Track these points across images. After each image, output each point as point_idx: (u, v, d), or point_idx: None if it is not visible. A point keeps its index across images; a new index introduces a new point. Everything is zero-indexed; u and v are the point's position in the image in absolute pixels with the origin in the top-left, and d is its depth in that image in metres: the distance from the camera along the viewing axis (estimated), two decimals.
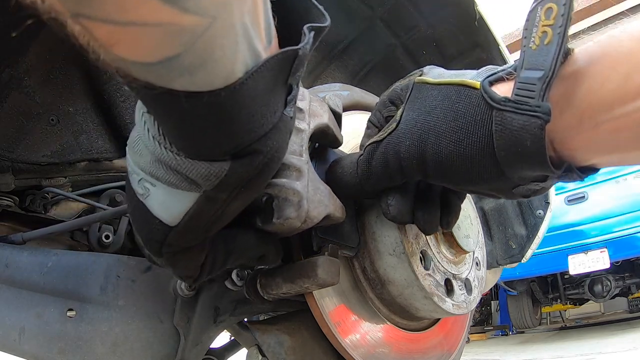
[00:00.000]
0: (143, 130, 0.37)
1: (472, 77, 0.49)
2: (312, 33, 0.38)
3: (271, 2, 0.35)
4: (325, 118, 0.60)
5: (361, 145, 0.62)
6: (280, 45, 0.37)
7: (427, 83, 0.53)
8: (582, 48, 0.42)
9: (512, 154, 0.42)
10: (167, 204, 0.39)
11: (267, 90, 0.35)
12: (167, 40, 0.27)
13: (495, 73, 0.47)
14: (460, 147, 0.46)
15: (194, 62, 0.29)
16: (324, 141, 0.63)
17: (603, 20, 5.28)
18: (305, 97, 0.58)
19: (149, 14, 0.25)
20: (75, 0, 0.24)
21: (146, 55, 0.28)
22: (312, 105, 0.58)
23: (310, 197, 0.51)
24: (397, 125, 0.52)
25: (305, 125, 0.56)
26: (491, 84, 0.46)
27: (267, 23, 0.35)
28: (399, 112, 0.54)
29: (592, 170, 0.45)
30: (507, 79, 0.45)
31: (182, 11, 0.26)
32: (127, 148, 0.41)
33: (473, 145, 0.45)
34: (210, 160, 0.36)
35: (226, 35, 0.30)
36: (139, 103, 0.38)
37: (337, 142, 0.65)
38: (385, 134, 0.53)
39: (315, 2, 0.41)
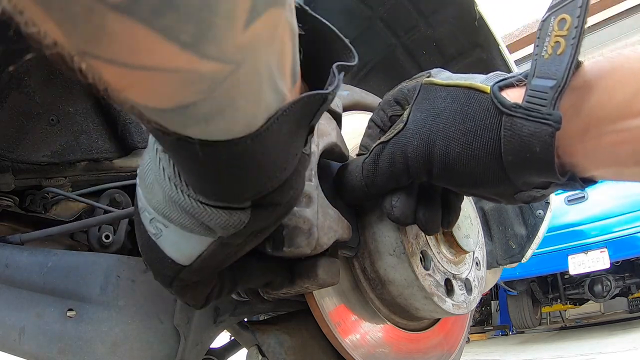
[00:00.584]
0: (158, 169, 0.35)
1: (481, 81, 0.49)
2: (342, 74, 0.36)
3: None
4: (333, 136, 0.59)
5: (361, 145, 0.62)
6: (303, 79, 0.35)
7: (436, 84, 0.53)
8: (591, 61, 0.44)
9: (520, 159, 0.43)
10: (180, 246, 0.38)
11: (291, 134, 0.33)
12: (182, 88, 0.24)
13: (505, 79, 0.47)
14: (468, 149, 0.46)
15: (211, 111, 0.26)
16: (330, 157, 0.63)
17: (603, 20, 5.28)
18: None
19: (163, 59, 0.22)
20: (83, 38, 0.21)
21: (158, 101, 0.25)
22: (320, 123, 0.58)
23: (320, 223, 0.51)
24: (404, 126, 0.52)
25: (315, 148, 0.55)
26: (501, 89, 0.46)
27: (294, 61, 0.32)
28: (406, 112, 0.54)
29: (592, 181, 0.46)
30: (517, 85, 0.46)
31: (202, 57, 0.23)
32: (137, 179, 0.39)
33: (481, 148, 0.45)
34: (230, 206, 0.35)
35: (250, 82, 0.27)
36: (156, 143, 0.36)
37: (344, 158, 0.65)
38: (392, 134, 0.53)
39: (341, 35, 0.39)
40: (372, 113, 0.90)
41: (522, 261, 1.40)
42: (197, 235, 0.37)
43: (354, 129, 0.84)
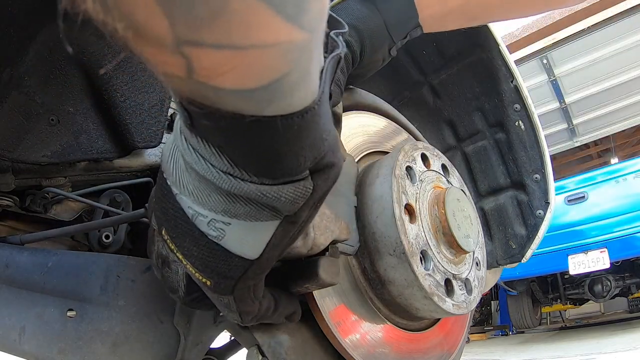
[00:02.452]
0: (205, 167, 0.34)
1: None
2: (341, 37, 0.38)
3: None
4: None
5: None
6: None
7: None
8: None
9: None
10: (247, 239, 0.37)
11: (327, 97, 0.34)
12: (279, 60, 0.25)
13: None
14: None
15: (297, 80, 0.28)
16: None
17: (603, 20, 5.27)
18: None
19: (271, 34, 0.23)
20: (190, 25, 0.21)
21: (254, 80, 0.26)
22: None
23: (316, 224, 0.51)
24: None
25: None
26: None
27: None
28: None
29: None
30: None
31: (298, 28, 0.24)
32: (174, 190, 0.38)
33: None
34: (292, 180, 0.34)
35: (319, 47, 0.29)
36: (183, 143, 0.35)
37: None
38: None
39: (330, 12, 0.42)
40: (372, 113, 0.90)
41: (522, 261, 1.40)
42: (262, 222, 0.36)
43: (354, 129, 0.84)
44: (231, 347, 0.87)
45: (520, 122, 1.34)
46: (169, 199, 0.39)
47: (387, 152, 0.87)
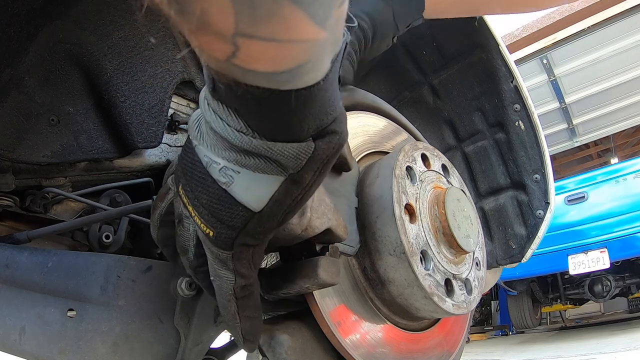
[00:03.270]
0: (222, 126, 0.39)
1: None
2: (349, 29, 0.43)
3: None
4: None
5: None
6: None
7: None
8: None
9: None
10: (253, 188, 0.40)
11: (335, 76, 0.39)
12: (305, 53, 0.31)
13: None
14: None
15: (313, 66, 0.33)
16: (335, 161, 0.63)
17: (603, 20, 5.27)
18: None
19: (304, 33, 0.29)
20: (251, 21, 0.27)
21: (283, 65, 0.31)
22: None
23: (314, 207, 0.51)
24: None
25: None
26: None
27: None
28: None
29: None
30: None
31: (323, 29, 0.30)
32: (194, 142, 0.42)
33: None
34: (294, 141, 0.38)
35: (335, 42, 0.34)
36: (205, 106, 0.40)
37: (348, 166, 0.65)
38: None
39: None
40: (372, 113, 0.90)
41: (522, 261, 1.40)
42: (268, 175, 0.40)
43: (354, 130, 0.84)
44: (231, 347, 0.87)
45: (520, 122, 1.34)
46: (188, 152, 0.43)
47: (387, 152, 0.87)
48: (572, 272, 4.83)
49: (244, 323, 0.51)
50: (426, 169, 0.82)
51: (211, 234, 0.43)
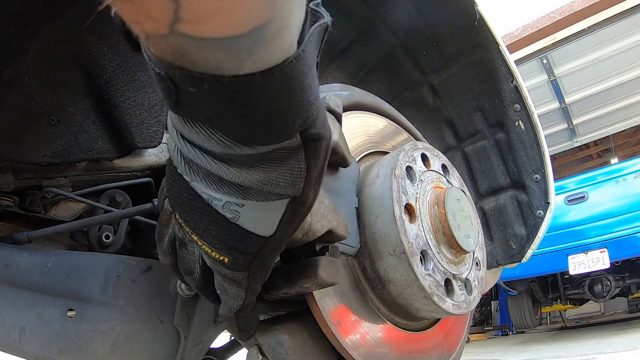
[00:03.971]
0: (205, 161, 0.36)
1: None
2: (322, 8, 0.38)
3: None
4: (335, 136, 0.60)
5: None
6: None
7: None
8: None
9: None
10: (261, 218, 0.40)
11: (313, 61, 0.35)
12: (262, 6, 0.27)
13: None
14: None
15: (276, 31, 0.29)
16: (332, 159, 0.63)
17: (603, 20, 5.27)
18: None
19: None
20: None
21: (238, 26, 0.27)
22: None
23: (313, 210, 0.51)
24: None
25: None
26: None
27: None
28: None
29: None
30: None
31: None
32: (187, 181, 0.40)
33: None
34: (285, 147, 0.36)
35: (300, 3, 0.30)
36: (179, 140, 0.37)
37: (346, 162, 0.65)
38: None
39: None
40: (372, 113, 0.90)
41: (522, 261, 1.40)
42: (273, 202, 0.39)
43: (354, 130, 0.84)
44: (231, 347, 0.87)
45: (520, 122, 1.34)
46: (181, 185, 0.40)
47: (387, 152, 0.87)
48: (572, 272, 4.82)
49: (241, 321, 0.53)
50: (426, 169, 0.82)
51: (226, 260, 0.43)
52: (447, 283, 0.75)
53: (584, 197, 4.99)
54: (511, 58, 1.29)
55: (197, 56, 0.28)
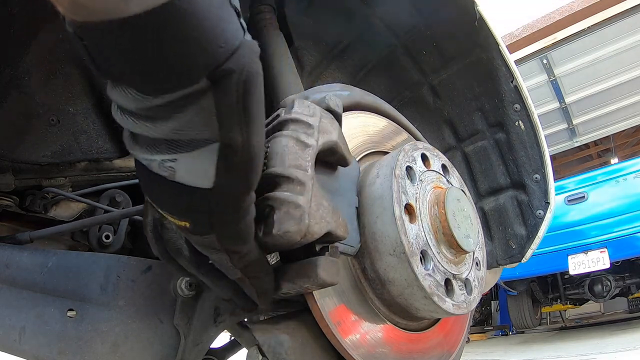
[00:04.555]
0: (127, 121, 0.37)
1: None
2: None
3: None
4: (334, 135, 0.60)
5: None
6: None
7: None
8: None
9: None
10: (195, 169, 0.39)
11: (219, 4, 0.34)
12: None
13: None
14: None
15: None
16: (331, 159, 0.63)
17: (603, 20, 5.27)
18: (316, 114, 0.58)
19: None
20: None
21: None
22: (322, 121, 0.59)
23: (312, 212, 0.51)
24: None
25: (314, 141, 0.56)
26: None
27: None
28: None
29: None
30: None
31: None
32: (129, 149, 0.40)
33: None
34: (192, 91, 0.34)
35: None
36: (114, 108, 0.38)
37: (345, 162, 0.64)
38: None
39: None
40: (372, 113, 0.90)
41: (522, 261, 1.40)
42: (202, 149, 0.38)
43: (353, 130, 0.84)
44: (231, 347, 0.87)
45: (520, 122, 1.34)
46: (136, 162, 0.41)
47: (387, 152, 0.87)
48: (572, 272, 4.82)
49: (254, 282, 0.53)
50: (426, 169, 0.82)
51: (187, 225, 0.42)
52: (447, 283, 0.75)
53: (584, 197, 4.99)
54: (511, 58, 1.29)
55: (88, 3, 0.28)
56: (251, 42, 0.37)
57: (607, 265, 4.59)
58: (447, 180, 0.86)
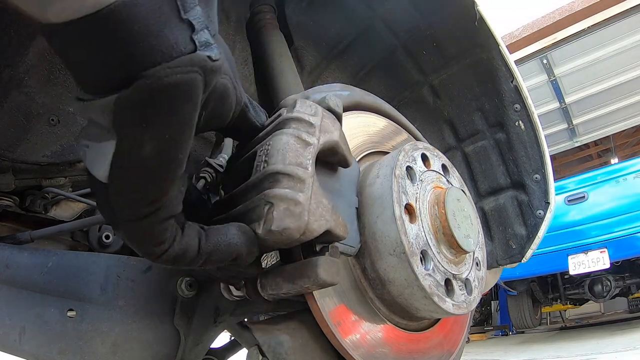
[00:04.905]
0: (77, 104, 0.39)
1: None
2: None
3: None
4: (335, 135, 0.60)
5: None
6: None
7: None
8: None
9: None
10: (97, 159, 0.40)
11: (153, 20, 0.35)
12: None
13: None
14: None
15: None
16: (332, 159, 0.63)
17: (603, 20, 5.27)
18: (317, 113, 0.58)
19: None
20: None
21: None
22: (324, 121, 0.59)
23: (312, 209, 0.51)
24: None
25: (315, 140, 0.56)
26: None
27: None
28: None
29: None
30: None
31: None
32: None
33: None
34: (114, 91, 0.36)
35: None
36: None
37: (346, 162, 0.64)
38: None
39: None
40: (372, 113, 0.90)
41: (522, 261, 1.40)
42: (105, 142, 0.39)
43: (353, 130, 0.84)
44: (231, 347, 0.87)
45: (520, 122, 1.34)
46: None
47: (388, 152, 0.87)
48: (572, 272, 4.82)
49: (148, 257, 0.48)
50: (426, 169, 0.82)
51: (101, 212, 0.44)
52: (447, 283, 0.75)
53: (584, 197, 4.99)
54: (511, 58, 1.29)
55: (30, 6, 0.30)
56: (196, 58, 0.38)
57: (607, 265, 4.59)
58: (447, 180, 0.86)
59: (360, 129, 0.86)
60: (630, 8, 5.09)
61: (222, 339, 0.90)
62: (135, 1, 0.33)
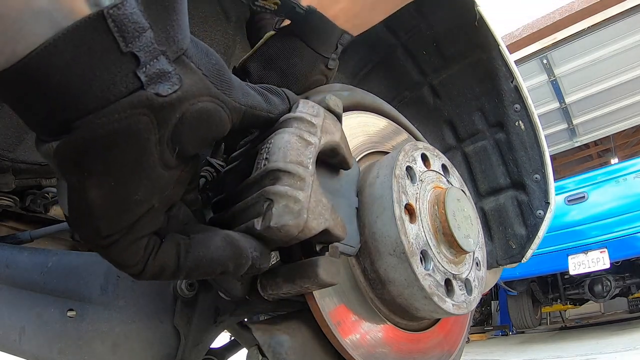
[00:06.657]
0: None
1: None
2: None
3: None
4: (337, 137, 0.60)
5: None
6: None
7: None
8: None
9: None
10: (60, 192, 0.41)
11: (81, 65, 0.32)
12: None
13: None
14: None
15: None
16: (333, 160, 0.63)
17: (603, 20, 5.28)
18: (319, 114, 0.58)
19: None
20: None
21: None
22: (326, 122, 0.59)
23: (311, 208, 0.51)
24: None
25: (316, 140, 0.56)
26: None
27: None
28: None
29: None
30: None
31: None
32: None
33: None
34: (56, 136, 0.35)
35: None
36: None
37: (347, 164, 0.65)
38: None
39: None
40: (372, 113, 0.90)
41: (522, 261, 1.40)
42: (62, 181, 0.40)
43: (353, 130, 0.84)
44: (231, 347, 0.87)
45: (520, 122, 1.34)
46: None
47: (388, 152, 0.87)
48: (572, 272, 4.83)
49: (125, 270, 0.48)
50: (426, 169, 0.82)
51: None
52: (447, 283, 0.75)
53: (584, 197, 5.00)
54: (511, 58, 1.29)
55: None
56: (139, 97, 0.35)
57: (607, 266, 4.60)
58: (447, 180, 0.86)
59: (360, 129, 0.86)
60: (630, 8, 5.10)
61: (222, 339, 0.90)
62: (54, 49, 0.30)
